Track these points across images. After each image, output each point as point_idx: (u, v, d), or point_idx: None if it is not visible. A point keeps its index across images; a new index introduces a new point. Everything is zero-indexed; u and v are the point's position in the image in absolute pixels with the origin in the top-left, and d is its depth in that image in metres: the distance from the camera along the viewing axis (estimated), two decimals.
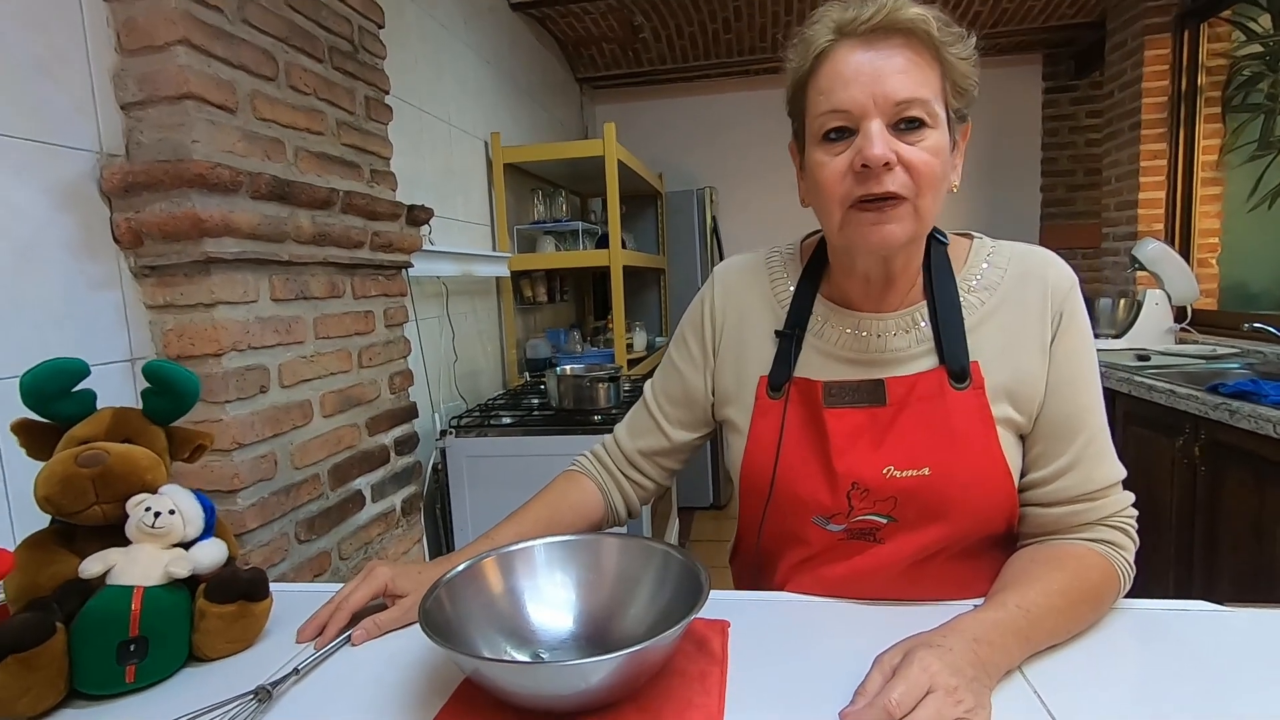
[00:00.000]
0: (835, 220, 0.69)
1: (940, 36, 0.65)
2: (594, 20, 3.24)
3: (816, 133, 0.68)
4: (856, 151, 0.65)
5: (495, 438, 1.92)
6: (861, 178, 0.65)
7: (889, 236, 0.67)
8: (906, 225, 0.67)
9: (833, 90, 0.66)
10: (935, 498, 0.71)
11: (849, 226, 0.68)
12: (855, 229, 0.68)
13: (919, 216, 0.67)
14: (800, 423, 0.76)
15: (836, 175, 0.67)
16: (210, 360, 1.07)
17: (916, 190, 0.66)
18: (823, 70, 0.67)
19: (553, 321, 3.25)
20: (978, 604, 0.64)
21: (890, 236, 0.67)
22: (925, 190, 0.66)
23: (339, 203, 1.29)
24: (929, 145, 0.65)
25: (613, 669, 0.51)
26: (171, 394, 0.70)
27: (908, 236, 0.68)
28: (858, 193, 0.66)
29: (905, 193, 0.65)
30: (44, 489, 0.62)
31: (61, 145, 0.97)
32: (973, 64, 0.69)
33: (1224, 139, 2.79)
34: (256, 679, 0.60)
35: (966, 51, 0.68)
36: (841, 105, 0.65)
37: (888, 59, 0.65)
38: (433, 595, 0.59)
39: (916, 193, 0.66)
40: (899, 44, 0.65)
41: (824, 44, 0.67)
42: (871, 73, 0.64)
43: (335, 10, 1.37)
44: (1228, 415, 1.50)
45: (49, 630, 0.57)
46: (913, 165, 0.65)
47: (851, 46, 0.66)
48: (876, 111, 0.64)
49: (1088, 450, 0.71)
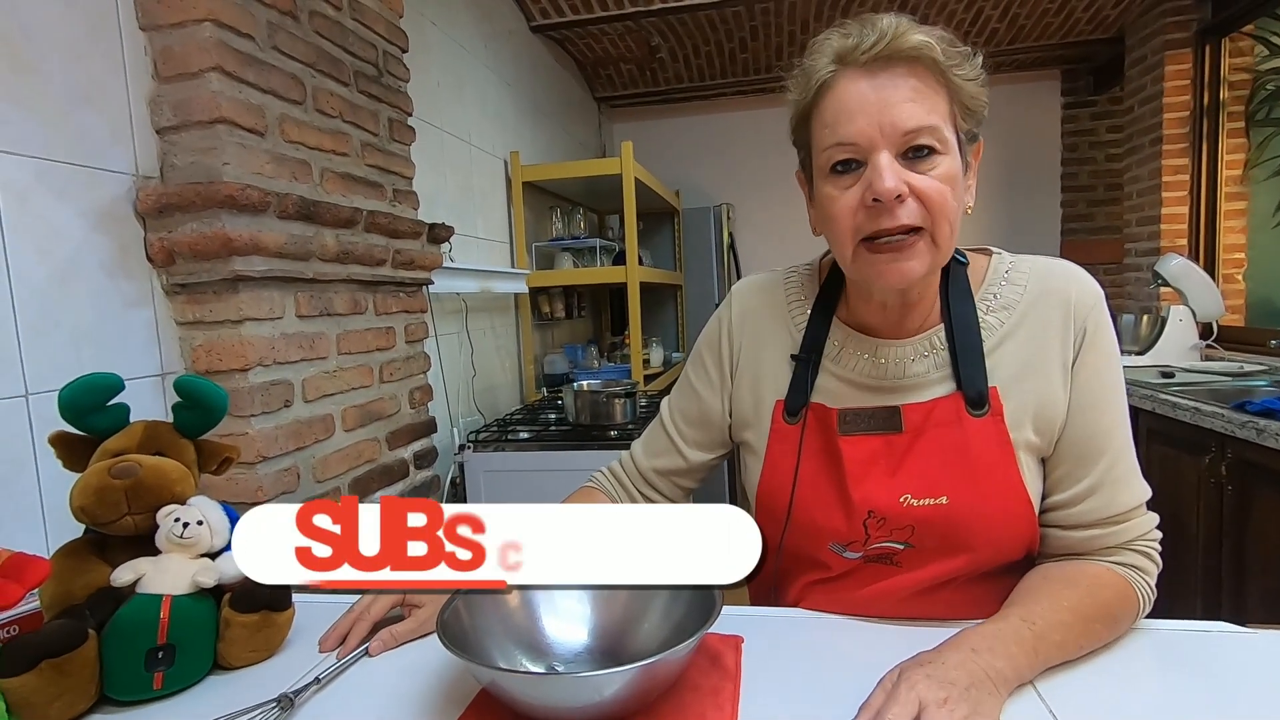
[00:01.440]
0: (848, 254, 0.68)
1: (945, 60, 0.63)
2: (612, 41, 3.29)
3: (824, 166, 0.67)
4: (866, 185, 0.63)
5: (512, 452, 1.93)
6: (873, 212, 0.64)
7: (907, 273, 0.65)
8: (925, 259, 0.65)
9: (837, 123, 0.64)
10: (954, 528, 0.69)
11: (862, 262, 0.67)
12: (870, 267, 0.67)
13: (937, 247, 0.65)
14: (816, 449, 0.75)
15: (848, 210, 0.65)
16: (237, 375, 1.10)
17: (932, 220, 0.64)
18: (826, 102, 0.66)
19: (570, 337, 3.27)
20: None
21: (909, 273, 0.65)
22: (940, 220, 0.64)
23: (362, 222, 1.32)
24: (940, 173, 0.64)
25: (626, 682, 0.51)
26: (201, 408, 0.73)
27: (926, 270, 0.66)
28: (869, 228, 0.65)
29: (921, 224, 0.64)
30: (79, 499, 0.64)
31: (100, 169, 1.01)
32: (981, 83, 0.67)
33: (1248, 154, 2.76)
34: (279, 687, 0.62)
35: (974, 71, 0.66)
36: (847, 138, 0.64)
37: (893, 88, 0.63)
38: (450, 607, 0.60)
39: (932, 223, 0.64)
40: (903, 71, 0.63)
41: (825, 75, 0.65)
42: (877, 103, 0.63)
43: (361, 36, 1.41)
44: (1255, 434, 1.47)
45: (81, 637, 0.59)
46: (925, 195, 0.63)
47: (854, 76, 0.64)
48: (884, 142, 0.63)
49: (1111, 473, 0.69)
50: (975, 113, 0.68)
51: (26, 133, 0.91)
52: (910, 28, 0.63)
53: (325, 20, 1.30)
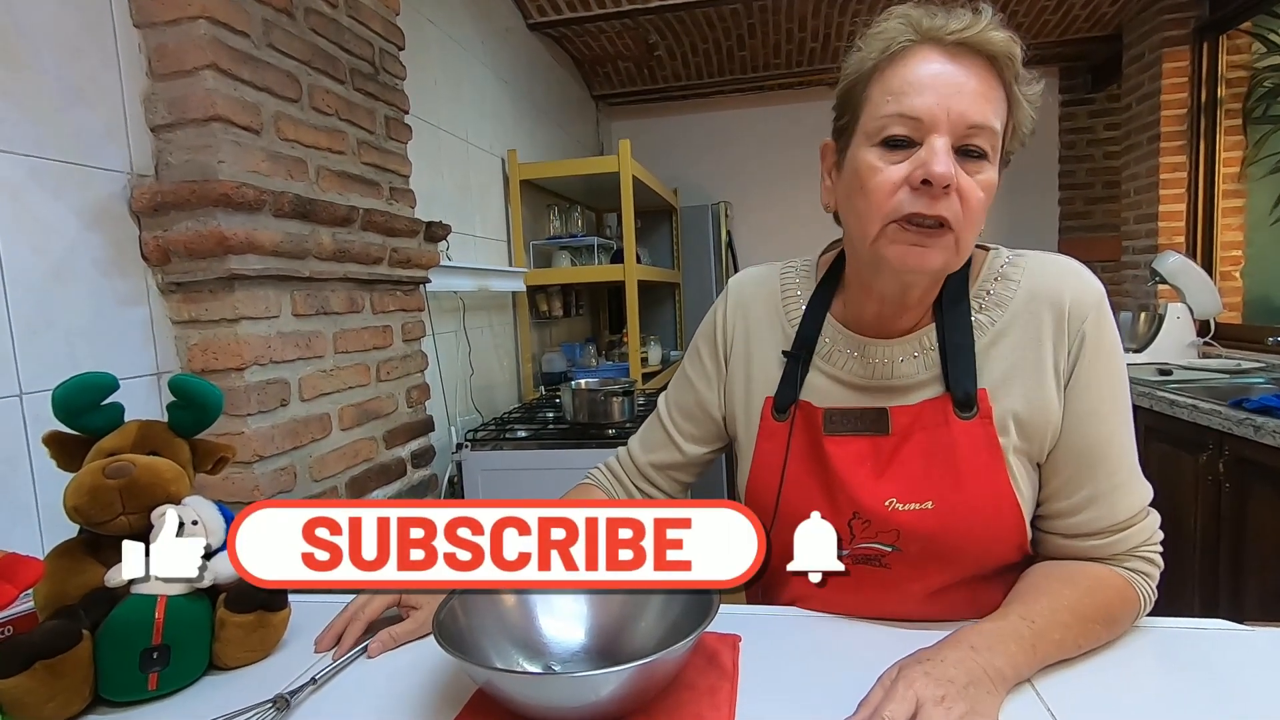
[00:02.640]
0: (872, 231, 0.64)
1: (1019, 68, 0.63)
2: (610, 39, 3.29)
3: (874, 133, 0.63)
4: (919, 164, 0.60)
5: (510, 451, 1.93)
6: (917, 194, 0.61)
7: (927, 261, 0.63)
8: (946, 255, 0.63)
9: (905, 93, 0.61)
10: (939, 534, 0.68)
11: (885, 241, 0.64)
12: (892, 247, 0.64)
13: (958, 250, 0.64)
14: (803, 447, 0.75)
15: (889, 185, 0.62)
16: (233, 374, 1.10)
17: (963, 221, 0.62)
18: (895, 70, 0.63)
19: (568, 336, 3.27)
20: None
21: (928, 261, 0.63)
22: (970, 223, 0.63)
23: (359, 220, 1.32)
24: (984, 179, 0.62)
25: (623, 681, 0.51)
26: (196, 407, 0.72)
27: (942, 266, 0.64)
28: (909, 209, 0.62)
29: (953, 222, 0.62)
30: (73, 499, 0.64)
31: (94, 167, 1.00)
32: (1035, 108, 0.65)
33: (1245, 151, 2.76)
34: (275, 688, 0.61)
35: (1035, 93, 0.65)
36: (912, 111, 0.61)
37: (969, 76, 0.61)
38: (446, 606, 0.60)
39: (962, 224, 0.62)
40: (981, 65, 0.61)
41: (904, 41, 0.62)
42: (951, 84, 0.60)
43: (357, 33, 1.41)
44: (1252, 431, 1.48)
45: (76, 637, 0.59)
46: (966, 196, 0.61)
47: (932, 53, 0.62)
48: (947, 127, 0.60)
49: (1111, 481, 0.67)
50: (1021, 135, 0.67)
51: (20, 130, 0.90)
52: (997, 25, 0.62)
53: (321, 18, 1.30)
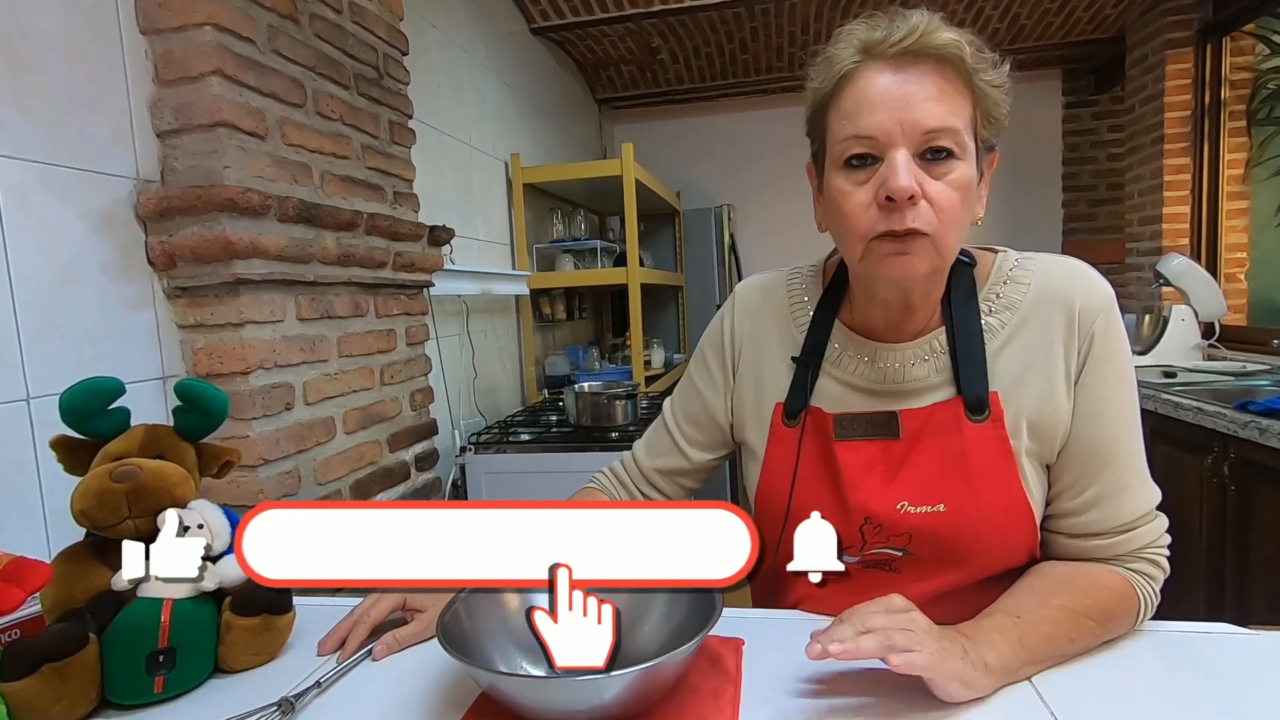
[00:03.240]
0: (856, 252, 0.66)
1: (973, 63, 0.62)
2: (612, 42, 3.30)
3: (838, 158, 0.65)
4: (881, 183, 0.62)
5: (514, 454, 1.93)
6: (885, 211, 0.62)
7: (909, 268, 0.64)
8: (927, 259, 0.64)
9: (858, 115, 0.62)
10: (951, 537, 0.68)
11: (871, 259, 0.65)
12: (876, 262, 0.65)
13: (939, 253, 0.64)
14: (814, 453, 0.75)
15: (860, 207, 0.63)
16: (238, 378, 1.10)
17: (938, 225, 0.62)
18: (846, 93, 0.64)
19: (571, 339, 3.27)
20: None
21: (910, 268, 0.64)
22: (947, 229, 0.63)
23: (363, 224, 1.32)
24: (955, 179, 0.62)
25: (626, 684, 0.51)
26: (201, 411, 0.73)
27: (927, 270, 0.65)
28: (881, 227, 0.63)
29: (928, 230, 0.62)
30: (80, 503, 0.64)
31: (101, 173, 1.01)
32: (1005, 92, 0.65)
33: (1249, 153, 2.75)
34: (279, 691, 0.62)
35: (999, 79, 0.64)
36: (866, 131, 0.62)
37: (917, 84, 0.61)
38: (451, 610, 0.60)
39: (938, 228, 0.62)
40: (929, 69, 0.61)
41: (849, 65, 0.63)
42: (900, 98, 0.61)
43: (361, 39, 1.41)
44: (1257, 433, 1.47)
45: (82, 641, 0.59)
46: (936, 201, 0.62)
47: (879, 69, 0.63)
48: (904, 139, 0.61)
49: (1119, 481, 0.67)
50: (996, 121, 0.66)
51: (28, 136, 0.91)
52: (940, 26, 0.62)
53: (326, 23, 1.30)
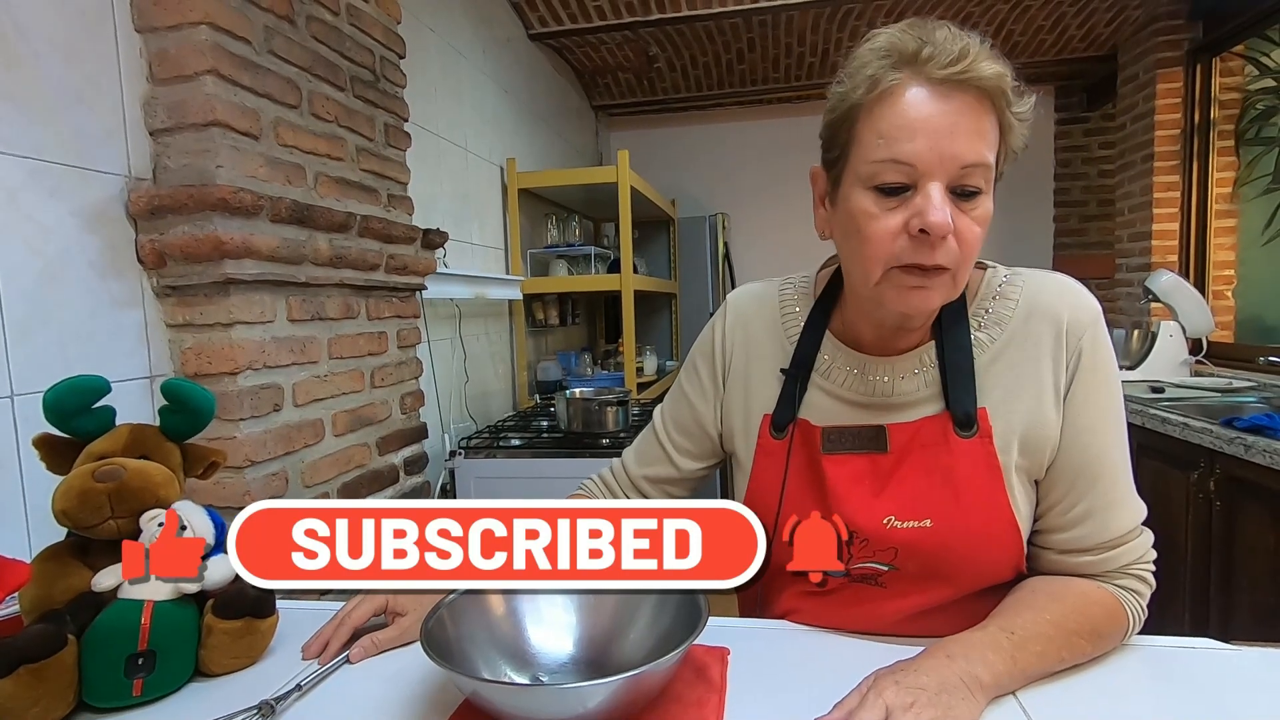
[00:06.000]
0: (874, 276, 0.64)
1: (1011, 96, 0.61)
2: (610, 50, 3.31)
3: (867, 178, 0.62)
4: (915, 213, 0.60)
5: (504, 459, 1.93)
6: (917, 243, 0.61)
7: (927, 303, 0.64)
8: (944, 293, 0.64)
9: (897, 138, 0.59)
10: (937, 553, 0.68)
11: (886, 286, 0.64)
12: (893, 291, 0.64)
13: (955, 286, 0.64)
14: (802, 466, 0.75)
15: (887, 234, 0.61)
16: (226, 379, 1.09)
17: (960, 260, 0.62)
18: (884, 110, 0.60)
19: (564, 344, 3.27)
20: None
21: (928, 303, 0.64)
22: (967, 261, 0.63)
23: (356, 226, 1.32)
24: (979, 215, 0.62)
25: (610, 693, 0.51)
26: (188, 412, 0.72)
27: (941, 302, 0.65)
28: (908, 259, 0.61)
29: (950, 265, 0.61)
30: (61, 503, 0.63)
31: (92, 169, 1.00)
32: (1029, 125, 0.64)
33: (1238, 172, 2.79)
34: (260, 694, 0.61)
35: (1027, 112, 0.63)
36: (905, 158, 0.59)
37: (960, 115, 0.59)
38: (435, 615, 0.60)
39: (959, 263, 0.62)
40: (973, 101, 0.59)
41: (890, 82, 0.60)
42: (946, 129, 0.58)
43: (358, 41, 1.41)
44: (1243, 450, 1.48)
45: (61, 642, 0.58)
46: (963, 237, 0.61)
47: (921, 91, 0.59)
48: (940, 172, 0.59)
49: (1106, 498, 0.67)
50: (1015, 154, 0.65)
51: (18, 132, 0.90)
52: (987, 54, 0.59)
53: (322, 25, 1.30)
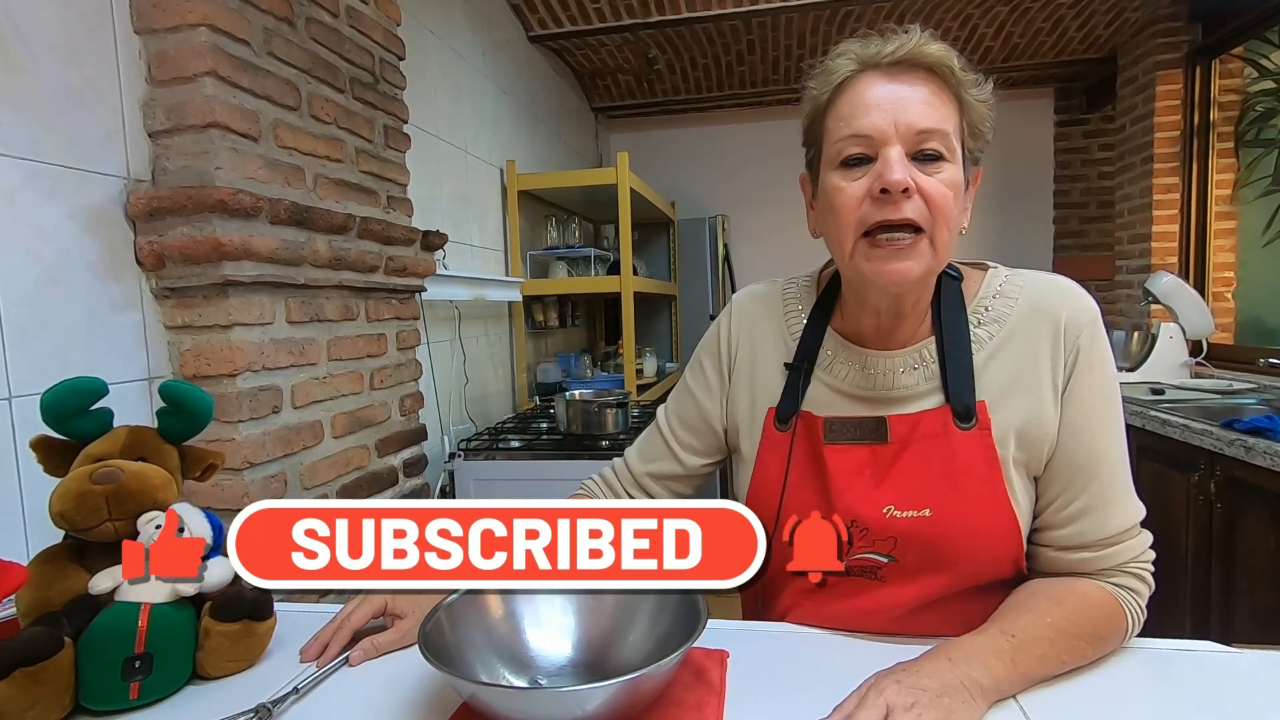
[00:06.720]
0: (847, 248, 0.68)
1: (961, 75, 0.66)
2: (610, 52, 3.31)
3: (834, 158, 0.68)
4: (875, 177, 0.65)
5: (503, 461, 1.93)
6: (880, 203, 0.65)
7: (905, 273, 0.66)
8: (923, 261, 0.66)
9: (854, 116, 0.66)
10: (936, 541, 0.69)
11: (860, 257, 0.68)
12: (868, 263, 0.67)
13: (935, 251, 0.66)
14: (804, 457, 0.76)
15: (853, 200, 0.66)
16: (225, 380, 1.09)
17: (933, 221, 0.65)
18: (844, 99, 0.68)
19: (564, 346, 3.27)
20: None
21: (906, 273, 0.66)
22: (941, 222, 0.65)
23: (355, 228, 1.32)
24: (945, 178, 0.65)
25: (609, 696, 0.51)
26: (186, 414, 0.72)
27: (923, 272, 0.67)
28: (874, 218, 0.65)
29: (922, 223, 0.65)
30: (58, 505, 0.63)
31: (91, 171, 1.00)
32: (989, 107, 0.69)
33: (1237, 174, 2.79)
34: (257, 697, 0.61)
35: (984, 94, 0.68)
36: (862, 130, 0.65)
37: (910, 89, 0.65)
38: (433, 618, 0.60)
39: (933, 224, 0.65)
40: (921, 77, 0.66)
41: (846, 73, 0.68)
42: (894, 101, 0.65)
43: (357, 43, 1.41)
44: (1243, 451, 1.48)
45: (57, 645, 0.58)
46: (929, 195, 0.64)
47: (874, 77, 0.67)
48: (897, 138, 0.64)
49: (1104, 495, 0.68)
50: (981, 134, 0.70)
51: (17, 133, 0.90)
52: (931, 40, 0.66)
53: (322, 27, 1.30)
